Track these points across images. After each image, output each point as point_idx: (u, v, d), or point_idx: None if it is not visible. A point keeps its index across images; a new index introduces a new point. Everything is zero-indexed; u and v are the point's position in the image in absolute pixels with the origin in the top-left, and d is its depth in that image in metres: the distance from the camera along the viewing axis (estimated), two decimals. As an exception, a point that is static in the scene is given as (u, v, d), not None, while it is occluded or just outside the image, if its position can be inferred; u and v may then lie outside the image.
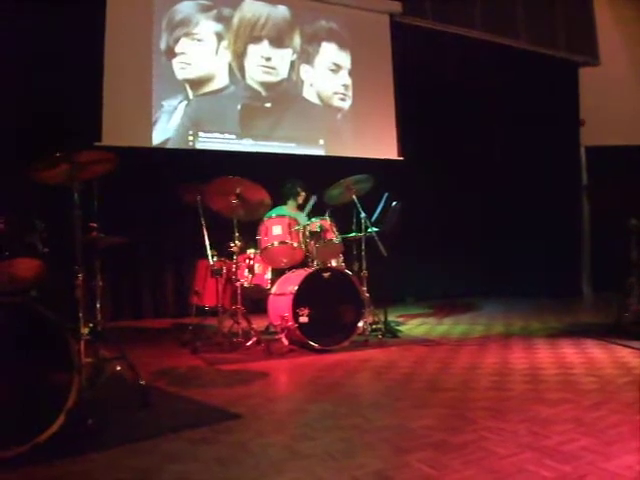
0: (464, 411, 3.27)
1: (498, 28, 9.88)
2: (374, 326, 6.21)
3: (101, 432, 2.96)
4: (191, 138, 8.18)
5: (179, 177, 6.40)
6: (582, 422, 2.97)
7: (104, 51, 7.55)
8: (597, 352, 4.89)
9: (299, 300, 5.34)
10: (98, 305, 4.07)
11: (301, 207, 6.90)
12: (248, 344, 5.39)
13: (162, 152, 7.93)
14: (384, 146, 9.53)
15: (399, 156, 9.57)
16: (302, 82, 9.02)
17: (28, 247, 3.29)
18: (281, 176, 6.90)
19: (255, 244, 5.95)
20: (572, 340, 5.52)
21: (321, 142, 9.10)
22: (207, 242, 5.72)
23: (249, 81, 8.60)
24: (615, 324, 5.87)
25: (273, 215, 6.04)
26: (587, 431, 2.82)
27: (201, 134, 8.22)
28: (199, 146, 8.20)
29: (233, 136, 8.45)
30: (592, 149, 10.57)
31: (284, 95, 8.86)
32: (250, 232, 5.93)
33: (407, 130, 9.63)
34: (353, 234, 6.29)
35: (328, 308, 5.50)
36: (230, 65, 8.47)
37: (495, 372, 4.26)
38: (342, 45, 9.38)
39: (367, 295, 5.91)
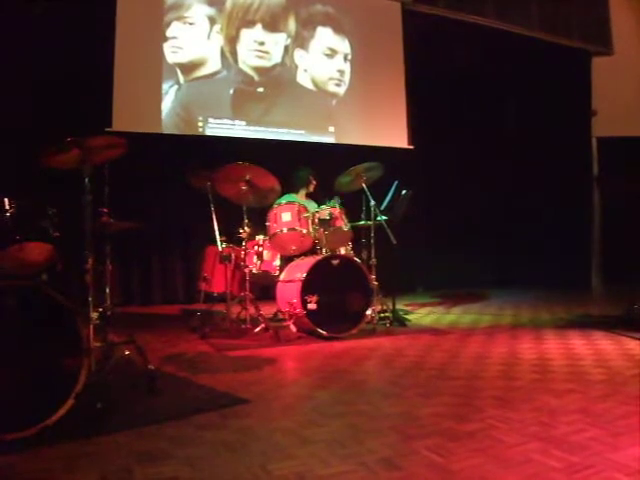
0: (472, 400, 3.27)
1: (511, 17, 9.79)
2: (382, 314, 6.23)
3: (109, 416, 2.98)
4: (201, 124, 8.17)
5: (189, 163, 6.39)
6: (590, 413, 2.96)
7: (115, 36, 7.53)
8: (606, 344, 4.87)
9: (307, 287, 5.35)
10: (107, 290, 4.09)
11: (311, 195, 6.89)
12: (256, 330, 5.41)
13: (173, 138, 7.92)
14: (394, 134, 9.48)
15: (409, 145, 9.53)
16: (296, 67, 8.91)
17: (39, 231, 3.30)
18: (288, 163, 6.89)
19: (264, 231, 5.95)
20: (581, 331, 5.50)
21: (331, 129, 9.06)
22: (216, 228, 5.72)
23: (241, 66, 8.49)
24: (624, 316, 5.85)
25: (283, 202, 6.04)
26: (595, 422, 2.81)
27: (211, 120, 8.20)
28: (206, 132, 8.20)
29: (243, 123, 8.43)
30: (603, 140, 10.50)
31: (277, 80, 8.74)
32: (259, 219, 5.93)
33: (418, 119, 9.59)
34: (362, 222, 6.29)
35: (336, 296, 5.50)
36: (222, 49, 8.36)
37: (503, 362, 4.25)
38: (338, 30, 9.25)
39: (375, 283, 5.90)
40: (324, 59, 9.14)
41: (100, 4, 7.40)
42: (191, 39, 8.19)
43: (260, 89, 8.59)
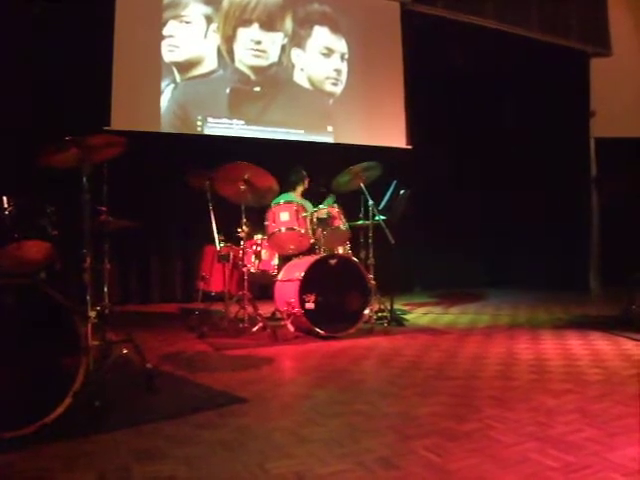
0: (469, 399, 3.28)
1: (510, 17, 9.78)
2: (380, 314, 6.23)
3: (107, 414, 2.98)
4: (199, 123, 8.17)
5: (188, 162, 6.39)
6: (587, 413, 2.97)
7: (114, 35, 7.52)
8: (603, 344, 4.88)
9: (305, 286, 5.36)
10: (106, 289, 4.09)
11: (305, 194, 6.89)
12: (254, 330, 5.41)
13: (172, 137, 7.92)
14: (393, 134, 9.48)
15: (408, 144, 9.53)
16: (293, 66, 8.88)
17: (38, 230, 3.30)
18: (287, 162, 6.89)
19: (262, 230, 5.96)
20: (578, 332, 5.51)
21: (330, 129, 9.06)
22: (214, 227, 5.73)
23: (238, 65, 8.46)
24: (622, 317, 5.86)
25: (281, 201, 6.04)
26: (591, 422, 2.82)
27: (210, 119, 8.20)
28: (205, 131, 8.20)
29: (242, 122, 8.43)
30: (602, 141, 10.50)
31: (274, 79, 8.71)
32: (258, 218, 5.94)
33: (416, 119, 9.59)
34: (361, 221, 6.30)
35: (334, 295, 5.51)
36: (219, 48, 8.33)
37: (501, 362, 4.26)
38: (335, 29, 9.22)
39: (373, 283, 5.91)
40: (321, 58, 9.12)
41: (99, 3, 7.39)
42: (188, 38, 8.16)
43: (257, 88, 8.57)
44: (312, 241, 5.85)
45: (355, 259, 5.85)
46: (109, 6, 7.46)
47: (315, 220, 5.82)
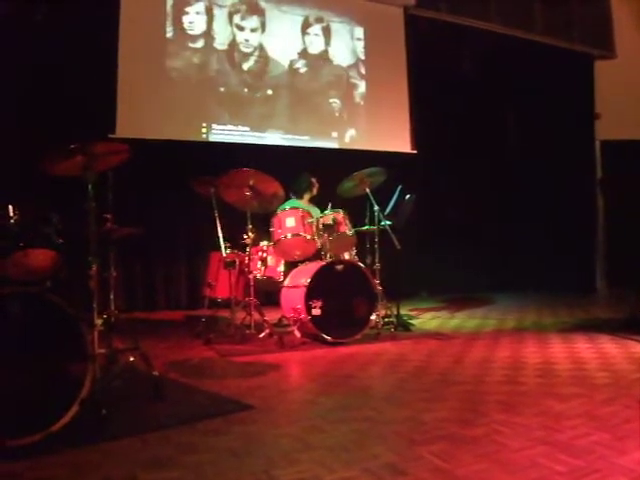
0: (477, 404, 3.26)
1: (514, 20, 9.80)
2: (386, 319, 6.20)
3: (114, 422, 2.98)
4: (204, 130, 8.19)
5: (193, 169, 6.40)
6: (595, 417, 2.95)
7: (118, 43, 7.56)
8: (610, 347, 4.86)
9: (312, 292, 5.34)
10: (112, 296, 4.09)
11: (314, 199, 6.89)
12: (261, 336, 5.40)
13: (176, 144, 7.94)
14: (397, 139, 9.49)
15: (413, 149, 9.53)
16: (295, 72, 8.92)
17: (43, 238, 3.31)
18: (292, 168, 6.89)
19: (268, 236, 5.95)
20: (585, 335, 5.49)
21: (334, 135, 9.07)
22: (220, 234, 5.73)
23: (240, 70, 8.51)
24: (629, 319, 5.84)
25: (287, 207, 6.04)
26: (600, 426, 2.80)
27: (214, 126, 8.23)
28: (210, 138, 8.22)
29: (246, 128, 8.45)
30: (607, 143, 10.49)
31: (276, 85, 8.76)
32: (263, 224, 5.94)
33: (421, 123, 9.59)
34: (366, 227, 6.29)
35: (341, 301, 5.49)
36: (220, 55, 8.38)
37: (508, 366, 4.24)
38: (338, 35, 9.25)
39: (380, 288, 5.90)
40: (324, 64, 9.14)
41: (104, 11, 7.42)
42: (189, 44, 8.21)
43: (259, 94, 8.60)
44: (318, 247, 5.84)
45: (361, 265, 5.84)
46: (113, 11, 7.50)
47: (321, 226, 5.81)
